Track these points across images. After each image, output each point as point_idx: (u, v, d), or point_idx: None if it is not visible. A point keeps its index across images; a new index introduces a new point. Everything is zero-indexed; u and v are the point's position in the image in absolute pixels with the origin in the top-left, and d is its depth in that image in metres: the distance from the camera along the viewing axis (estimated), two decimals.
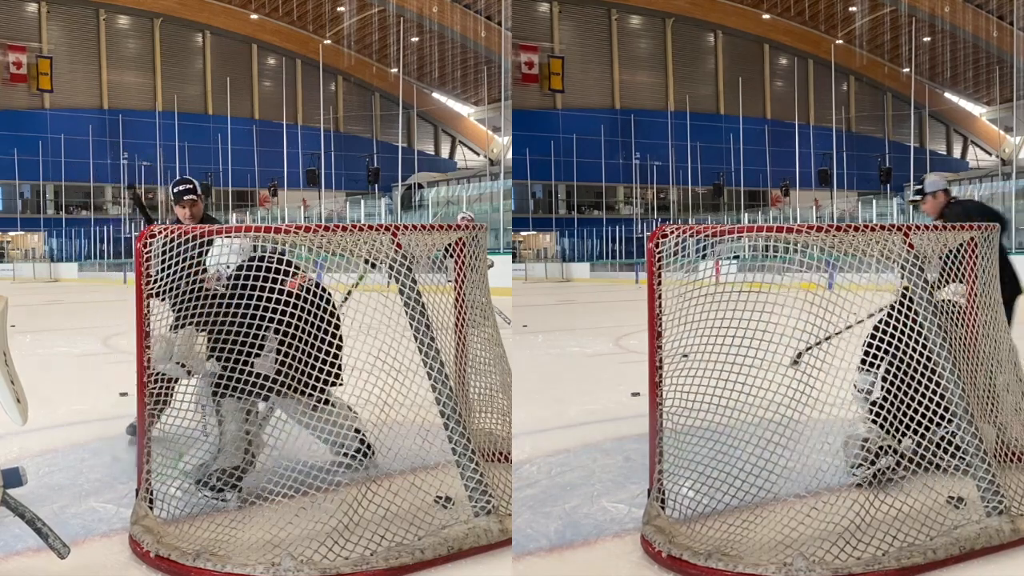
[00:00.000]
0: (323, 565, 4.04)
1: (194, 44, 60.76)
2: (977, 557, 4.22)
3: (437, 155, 67.70)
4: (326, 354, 4.77)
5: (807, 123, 59.38)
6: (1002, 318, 5.07)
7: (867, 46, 61.65)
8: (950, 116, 67.53)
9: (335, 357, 4.88)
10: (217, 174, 57.08)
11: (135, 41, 59.20)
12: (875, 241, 4.57)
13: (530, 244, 57.71)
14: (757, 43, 61.57)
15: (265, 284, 4.70)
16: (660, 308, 4.50)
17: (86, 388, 9.52)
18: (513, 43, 51.67)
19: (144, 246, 4.54)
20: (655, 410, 4.52)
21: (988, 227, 4.97)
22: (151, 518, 4.48)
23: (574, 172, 55.89)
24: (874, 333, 5.20)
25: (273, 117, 58.29)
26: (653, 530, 4.35)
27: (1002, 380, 5.02)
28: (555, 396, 8.75)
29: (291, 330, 4.71)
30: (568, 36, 57.17)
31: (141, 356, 4.55)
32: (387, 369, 4.57)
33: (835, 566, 3.99)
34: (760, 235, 4.77)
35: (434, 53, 61.81)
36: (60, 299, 29.45)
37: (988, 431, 4.76)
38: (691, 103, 58.19)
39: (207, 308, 4.87)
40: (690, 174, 56.76)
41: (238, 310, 4.72)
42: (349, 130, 62.60)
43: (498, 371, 5.30)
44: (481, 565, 4.31)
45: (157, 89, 58.81)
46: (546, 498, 5.25)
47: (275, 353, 4.77)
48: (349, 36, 61.71)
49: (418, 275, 4.66)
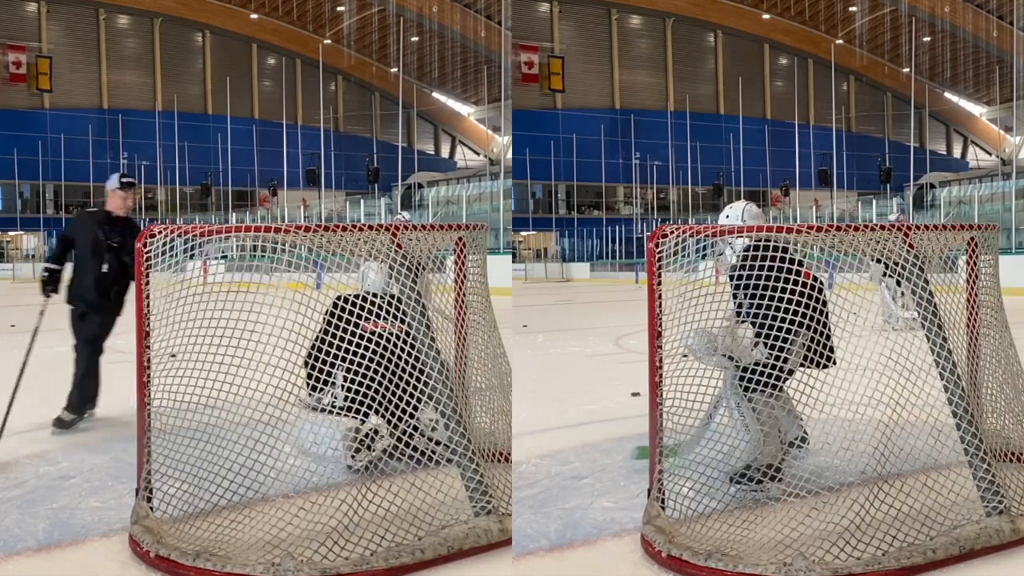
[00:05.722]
0: (323, 565, 4.04)
1: (194, 44, 60.74)
2: (977, 557, 4.22)
3: (437, 155, 67.69)
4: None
5: (807, 123, 59.36)
6: (1003, 317, 5.07)
7: (867, 46, 61.65)
8: (950, 116, 67.53)
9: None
10: (217, 174, 57.08)
11: (135, 41, 59.19)
12: (875, 241, 4.58)
13: (530, 244, 57.70)
14: (757, 43, 61.57)
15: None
16: (660, 308, 4.49)
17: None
18: (513, 43, 51.66)
19: (144, 246, 4.54)
20: (655, 410, 4.52)
21: (988, 227, 4.98)
22: (151, 518, 4.48)
23: (574, 172, 55.89)
24: None
25: (273, 117, 58.26)
26: (653, 530, 4.35)
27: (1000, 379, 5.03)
28: (555, 396, 8.75)
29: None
30: (568, 36, 57.17)
31: (141, 356, 4.55)
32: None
33: (835, 566, 3.99)
34: (760, 235, 4.78)
35: (434, 53, 61.79)
36: (61, 299, 29.38)
37: (989, 431, 4.77)
38: (691, 103, 58.19)
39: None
40: (690, 174, 56.76)
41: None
42: (349, 130, 62.59)
43: (498, 371, 5.29)
44: (481, 565, 4.31)
45: (157, 89, 58.80)
46: (546, 498, 5.25)
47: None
48: (349, 36, 61.70)
49: (420, 275, 4.67)
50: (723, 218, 5.76)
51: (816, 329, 4.97)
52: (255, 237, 4.60)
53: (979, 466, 4.49)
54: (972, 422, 4.53)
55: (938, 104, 64.39)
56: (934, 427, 4.65)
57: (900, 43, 59.79)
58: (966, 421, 4.52)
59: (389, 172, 51.97)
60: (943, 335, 4.57)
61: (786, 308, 4.72)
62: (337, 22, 62.42)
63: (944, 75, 64.64)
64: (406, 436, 5.03)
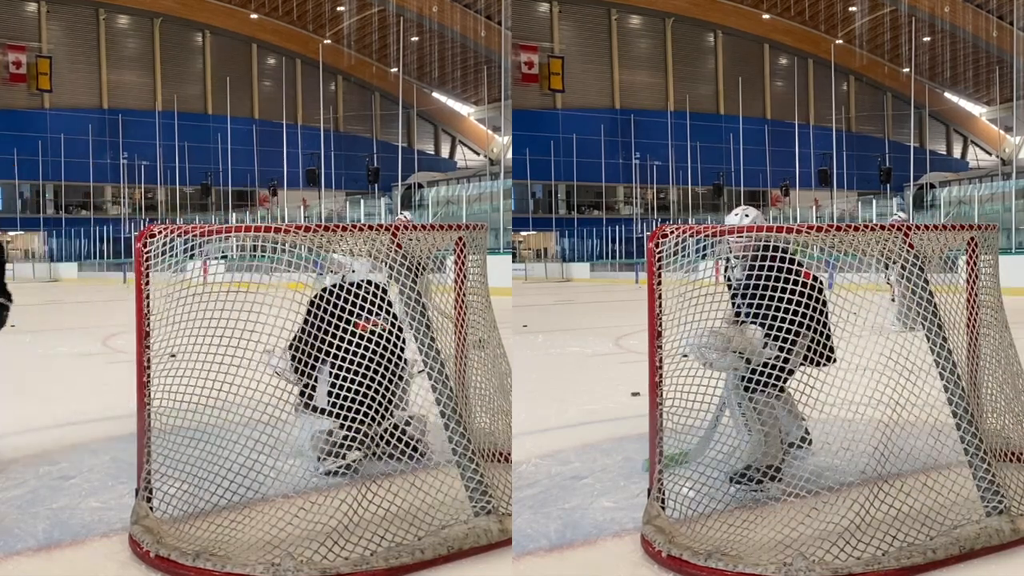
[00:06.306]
0: (323, 565, 4.04)
1: (194, 44, 60.72)
2: (977, 557, 4.22)
3: (437, 155, 67.65)
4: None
5: (807, 123, 59.34)
6: (1003, 317, 5.07)
7: (867, 46, 61.63)
8: (950, 116, 67.52)
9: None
10: (217, 174, 57.06)
11: (135, 41, 59.16)
12: (875, 241, 4.58)
13: (530, 244, 57.69)
14: (757, 43, 61.55)
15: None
16: (660, 308, 4.49)
17: (86, 388, 9.51)
18: (513, 43, 51.63)
19: (144, 246, 4.54)
20: (655, 410, 4.52)
21: (988, 227, 4.98)
22: (151, 518, 4.48)
23: (574, 172, 55.86)
24: None
25: (273, 117, 58.24)
26: (653, 530, 4.35)
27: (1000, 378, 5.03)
28: (555, 396, 8.75)
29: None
30: (568, 36, 57.14)
31: (141, 356, 4.54)
32: None
33: (835, 566, 3.99)
34: (761, 235, 4.78)
35: (434, 53, 61.76)
36: (60, 299, 29.44)
37: (989, 431, 4.77)
38: (691, 103, 58.17)
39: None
40: (690, 174, 56.74)
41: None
42: (349, 130, 62.56)
43: (498, 371, 5.30)
44: (481, 565, 4.31)
45: (157, 89, 58.78)
46: (546, 498, 5.25)
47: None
48: (349, 36, 61.68)
49: (420, 276, 4.67)
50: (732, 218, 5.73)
51: (816, 329, 4.98)
52: (255, 237, 4.59)
53: (979, 466, 4.49)
54: (972, 422, 4.53)
55: (938, 104, 64.38)
56: (934, 427, 4.65)
57: (900, 43, 59.78)
58: (966, 421, 4.52)
59: (389, 172, 51.95)
60: (943, 335, 4.57)
61: (791, 309, 4.73)
62: (337, 22, 62.41)
63: (944, 75, 64.63)
64: (381, 441, 5.03)
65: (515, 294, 27.06)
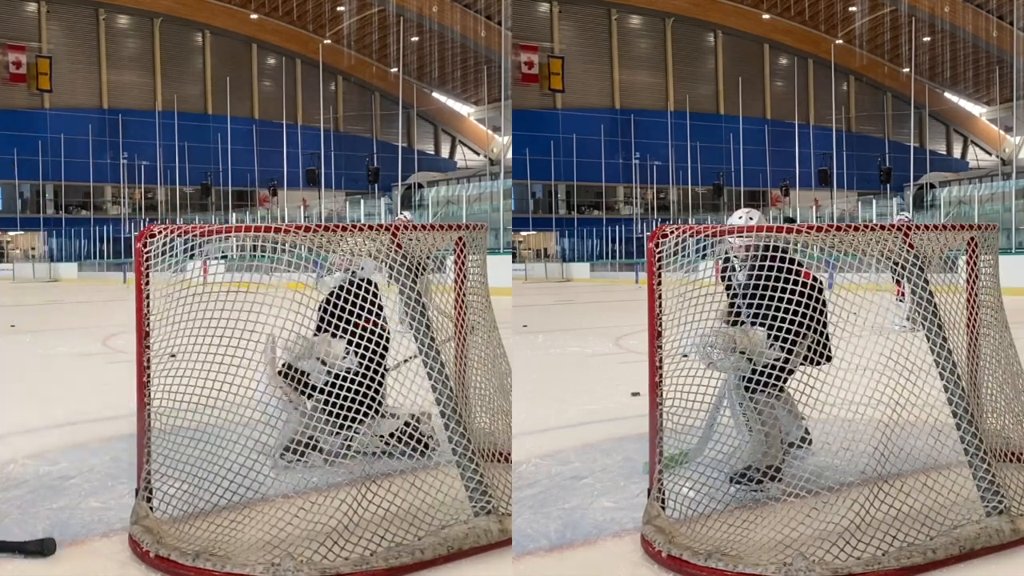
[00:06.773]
0: (323, 565, 4.04)
1: (194, 44, 60.72)
2: (977, 557, 4.22)
3: (437, 155, 67.66)
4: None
5: (807, 123, 59.34)
6: (1003, 317, 5.07)
7: (867, 46, 61.63)
8: (950, 116, 67.51)
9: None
10: (217, 174, 57.06)
11: (135, 41, 59.16)
12: (875, 241, 4.58)
13: (530, 244, 57.68)
14: (757, 43, 61.55)
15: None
16: (660, 308, 4.50)
17: (86, 388, 9.51)
18: (513, 43, 51.63)
19: (144, 246, 4.54)
20: (655, 410, 4.52)
21: (988, 227, 4.98)
22: (151, 518, 4.48)
23: (574, 172, 55.86)
24: None
25: (273, 117, 58.25)
26: (653, 530, 4.35)
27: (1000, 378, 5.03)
28: (555, 396, 8.75)
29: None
30: (568, 36, 57.14)
31: (140, 356, 4.54)
32: None
33: (835, 566, 3.99)
34: (761, 235, 4.78)
35: (434, 53, 61.75)
36: (60, 299, 29.44)
37: (989, 431, 4.77)
38: (691, 103, 58.17)
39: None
40: (690, 174, 56.74)
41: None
42: (349, 130, 62.56)
43: (498, 371, 5.30)
44: (481, 565, 4.31)
45: (157, 89, 58.78)
46: (546, 498, 5.25)
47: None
48: (349, 36, 61.68)
49: (420, 276, 4.67)
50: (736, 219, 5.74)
51: (816, 329, 4.99)
52: (255, 237, 4.60)
53: (979, 466, 4.49)
54: (972, 422, 4.53)
55: (938, 104, 64.37)
56: (934, 427, 4.65)
57: (900, 43, 59.77)
58: (966, 421, 4.52)
59: (389, 172, 51.95)
60: (943, 335, 4.57)
61: (793, 310, 4.73)
62: (337, 22, 62.40)
63: (944, 75, 64.62)
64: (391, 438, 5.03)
65: (515, 294, 27.06)
